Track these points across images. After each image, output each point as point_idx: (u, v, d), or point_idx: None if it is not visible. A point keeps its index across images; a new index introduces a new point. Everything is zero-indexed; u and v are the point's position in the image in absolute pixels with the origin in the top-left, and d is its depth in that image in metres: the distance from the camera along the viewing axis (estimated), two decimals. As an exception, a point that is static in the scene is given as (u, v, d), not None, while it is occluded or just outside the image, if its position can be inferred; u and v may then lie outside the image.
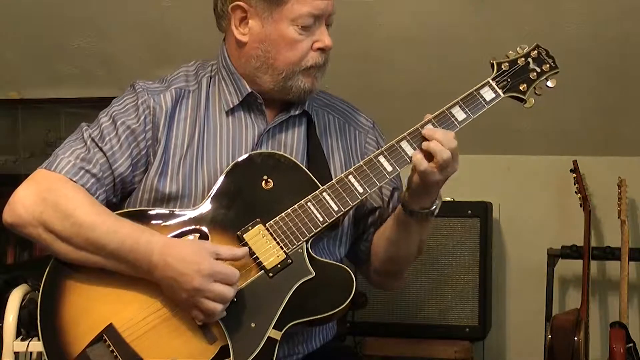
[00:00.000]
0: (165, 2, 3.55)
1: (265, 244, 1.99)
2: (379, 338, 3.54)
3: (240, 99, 2.13)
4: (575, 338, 3.29)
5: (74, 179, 2.02)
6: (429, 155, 2.00)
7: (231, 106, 2.13)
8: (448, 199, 3.58)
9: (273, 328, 1.94)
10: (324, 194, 2.03)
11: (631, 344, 3.36)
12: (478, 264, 3.52)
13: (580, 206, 3.58)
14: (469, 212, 3.54)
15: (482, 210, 3.56)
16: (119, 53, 3.76)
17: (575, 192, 3.61)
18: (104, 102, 2.21)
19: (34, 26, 3.71)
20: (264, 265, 1.97)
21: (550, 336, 3.35)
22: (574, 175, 3.62)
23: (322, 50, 2.09)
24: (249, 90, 2.12)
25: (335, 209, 2.02)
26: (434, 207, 2.07)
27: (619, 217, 3.50)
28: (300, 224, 2.00)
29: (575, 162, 3.63)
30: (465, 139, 3.76)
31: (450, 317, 3.51)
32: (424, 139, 2.03)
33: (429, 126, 2.04)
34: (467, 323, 3.50)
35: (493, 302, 3.73)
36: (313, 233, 2.00)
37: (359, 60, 3.51)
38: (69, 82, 3.87)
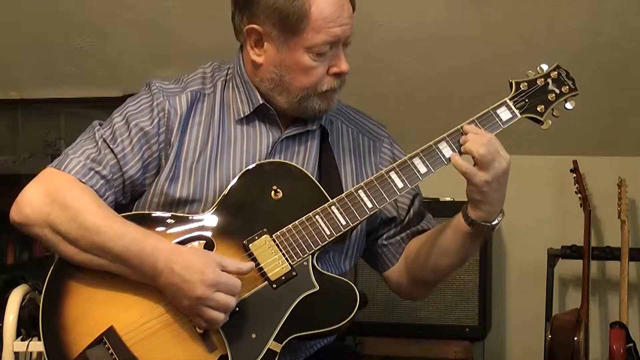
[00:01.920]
0: (165, 1, 3.55)
1: (270, 255, 1.97)
2: (379, 338, 3.55)
3: (252, 109, 2.11)
4: (575, 338, 3.30)
5: (83, 180, 2.00)
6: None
7: (242, 116, 2.11)
8: (448, 199, 3.58)
9: (274, 340, 1.93)
10: (333, 207, 2.00)
11: (631, 344, 3.36)
12: (478, 264, 3.53)
13: (580, 206, 3.58)
14: (469, 212, 3.54)
15: (482, 210, 3.56)
16: (119, 53, 3.76)
17: (575, 192, 3.61)
18: (104, 102, 2.21)
19: (34, 26, 3.71)
20: (268, 277, 1.96)
21: (550, 336, 3.35)
22: (574, 175, 3.62)
23: (337, 74, 2.07)
24: (261, 101, 2.10)
25: (343, 223, 2.00)
26: (496, 222, 2.03)
27: (619, 217, 3.51)
28: (307, 237, 1.98)
29: (575, 162, 3.64)
30: (465, 139, 3.74)
31: (450, 317, 3.51)
32: (437, 155, 2.03)
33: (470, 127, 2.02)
34: (467, 323, 3.51)
35: (493, 302, 3.74)
36: (319, 246, 1.98)
37: (358, 60, 3.50)
38: (69, 82, 3.87)
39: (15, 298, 2.73)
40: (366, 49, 3.52)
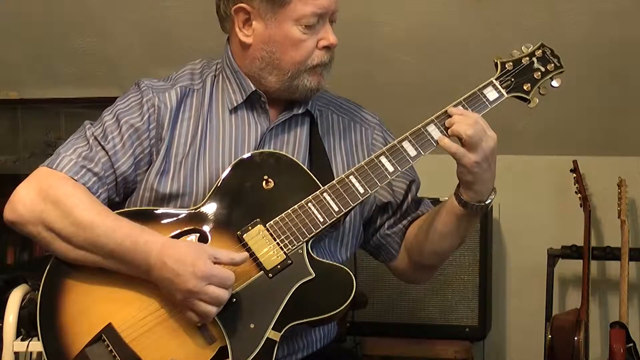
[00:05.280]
0: (165, 2, 3.55)
1: (265, 245, 1.98)
2: (379, 338, 3.55)
3: (244, 97, 2.12)
4: (575, 338, 3.29)
5: (75, 178, 2.01)
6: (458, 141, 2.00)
7: (235, 105, 2.12)
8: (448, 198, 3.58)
9: (272, 329, 1.94)
10: (325, 194, 2.01)
11: (631, 344, 3.36)
12: (478, 264, 3.52)
13: (580, 206, 3.58)
14: (469, 211, 3.54)
15: (482, 210, 3.56)
16: (119, 53, 3.76)
17: (575, 192, 3.61)
18: (103, 102, 2.21)
19: (34, 26, 3.71)
20: (263, 266, 1.96)
21: (550, 336, 3.35)
22: (574, 175, 3.62)
23: (327, 48, 2.08)
24: (253, 88, 2.11)
25: (336, 209, 2.01)
26: (489, 200, 2.05)
27: (619, 217, 3.50)
28: (300, 225, 1.99)
29: (575, 162, 3.63)
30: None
31: (450, 317, 3.51)
32: (426, 138, 2.03)
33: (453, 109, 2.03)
34: (467, 323, 3.50)
35: (493, 302, 3.73)
36: (313, 233, 1.99)
37: (359, 60, 3.51)
38: (69, 82, 3.88)
39: (15, 298, 2.74)
40: (366, 49, 3.52)
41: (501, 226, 3.85)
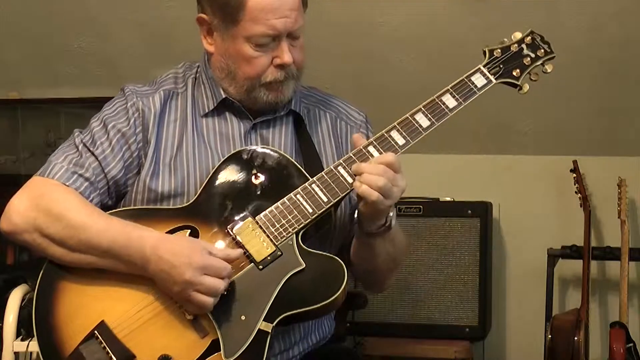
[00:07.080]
0: (165, 2, 3.55)
1: (255, 237, 1.98)
2: (379, 338, 3.55)
3: (215, 104, 2.14)
4: (575, 338, 3.30)
5: (67, 183, 2.03)
6: None
7: (207, 110, 2.14)
8: (448, 199, 3.59)
9: (263, 320, 1.94)
10: (313, 185, 2.01)
11: (631, 344, 3.37)
12: (478, 264, 3.53)
13: (580, 206, 3.58)
14: (469, 212, 3.55)
15: (482, 210, 3.56)
16: (119, 53, 3.77)
17: (575, 192, 3.61)
18: (103, 102, 2.22)
19: (34, 26, 3.72)
20: (253, 258, 1.97)
21: (550, 336, 3.35)
22: (574, 175, 3.62)
23: (281, 66, 2.07)
24: (223, 96, 2.13)
25: (325, 200, 2.00)
26: (388, 222, 2.03)
27: (619, 217, 3.51)
28: (289, 216, 1.99)
29: (575, 162, 3.64)
30: (465, 139, 3.76)
31: (450, 317, 3.52)
32: (414, 125, 2.04)
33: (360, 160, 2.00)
34: (467, 323, 3.51)
35: (493, 302, 3.74)
36: (303, 224, 1.99)
37: (359, 60, 3.51)
38: (69, 82, 3.88)
39: (15, 298, 2.74)
40: (366, 48, 3.52)
41: (501, 226, 3.85)
